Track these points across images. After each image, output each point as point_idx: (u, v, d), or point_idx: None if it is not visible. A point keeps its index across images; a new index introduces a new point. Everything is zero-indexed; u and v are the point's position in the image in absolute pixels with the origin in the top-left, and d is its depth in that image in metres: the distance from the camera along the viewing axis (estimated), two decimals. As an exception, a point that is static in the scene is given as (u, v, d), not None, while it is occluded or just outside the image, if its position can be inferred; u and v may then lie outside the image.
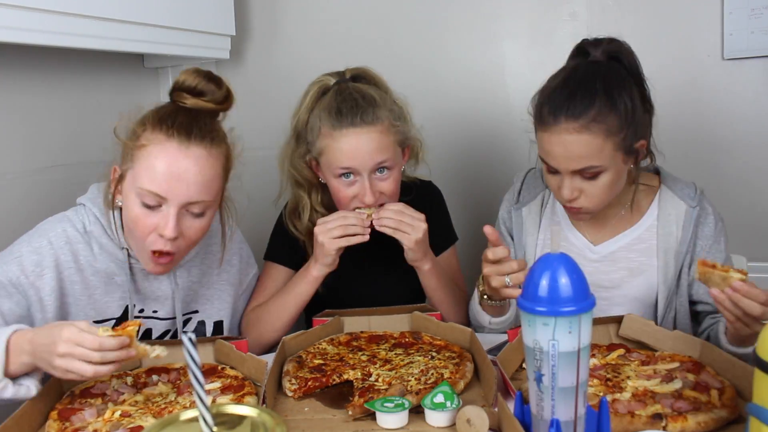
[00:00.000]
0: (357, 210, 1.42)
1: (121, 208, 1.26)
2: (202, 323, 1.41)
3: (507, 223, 1.56)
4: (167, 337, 1.40)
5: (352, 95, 1.39)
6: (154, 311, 1.36)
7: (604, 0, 2.03)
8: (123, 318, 1.32)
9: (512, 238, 1.53)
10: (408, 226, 1.39)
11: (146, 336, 1.36)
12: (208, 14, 2.04)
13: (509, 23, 2.13)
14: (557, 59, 1.42)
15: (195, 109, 1.21)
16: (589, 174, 1.28)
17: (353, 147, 1.36)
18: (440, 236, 1.58)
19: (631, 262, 1.42)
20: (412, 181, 1.60)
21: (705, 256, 1.38)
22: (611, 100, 1.26)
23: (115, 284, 1.29)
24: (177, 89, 1.23)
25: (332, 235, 1.38)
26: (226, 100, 1.25)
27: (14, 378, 1.06)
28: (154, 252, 1.20)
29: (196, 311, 1.42)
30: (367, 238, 1.40)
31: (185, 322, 1.40)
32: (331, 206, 1.51)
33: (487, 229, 1.25)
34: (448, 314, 1.49)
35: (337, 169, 1.39)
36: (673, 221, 1.40)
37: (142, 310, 1.35)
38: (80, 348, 0.98)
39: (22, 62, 1.65)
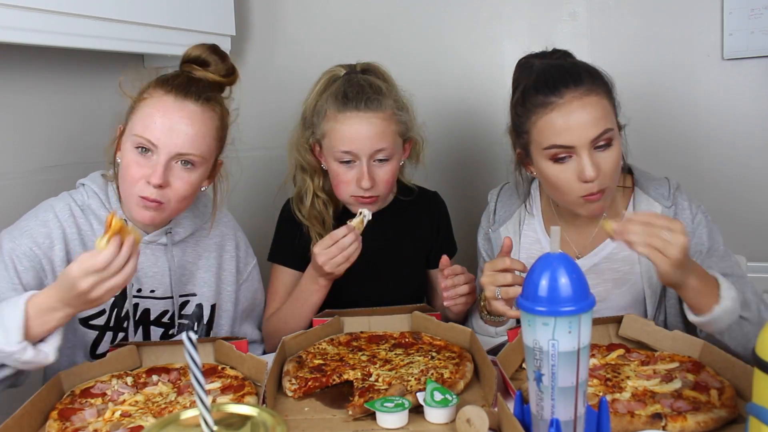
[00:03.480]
0: (347, 224, 1.41)
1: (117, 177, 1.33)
2: (199, 306, 1.43)
3: (485, 246, 1.52)
4: (165, 318, 1.41)
5: (359, 83, 1.44)
6: (152, 291, 1.37)
7: (603, 0, 2.04)
8: (121, 298, 1.34)
9: None
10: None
11: (144, 316, 1.38)
12: (208, 14, 2.04)
13: (509, 23, 2.13)
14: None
15: (204, 79, 1.30)
16: (604, 140, 1.24)
17: (355, 131, 1.40)
18: (444, 248, 1.59)
19: (614, 273, 1.40)
20: (412, 186, 1.61)
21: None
22: (594, 70, 1.29)
23: None
24: (185, 62, 1.32)
25: (337, 264, 1.39)
26: (230, 74, 1.33)
27: (35, 342, 1.09)
28: (141, 197, 1.25)
29: (194, 294, 1.43)
30: (359, 250, 1.41)
31: (183, 305, 1.41)
32: (331, 192, 1.54)
33: (506, 241, 1.28)
34: None
35: (337, 152, 1.42)
36: None
37: (140, 290, 1.37)
38: (98, 273, 1.03)
39: (22, 62, 1.65)
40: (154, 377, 1.22)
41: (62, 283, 1.07)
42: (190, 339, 0.69)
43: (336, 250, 1.38)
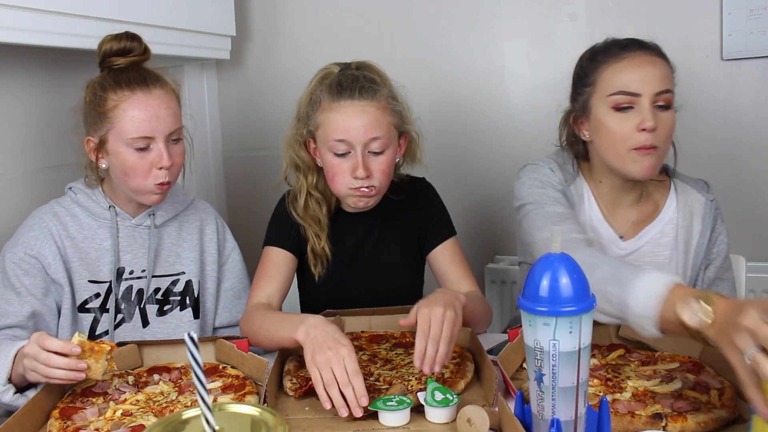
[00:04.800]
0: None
1: (103, 178, 1.46)
2: (189, 282, 1.52)
3: (567, 193, 1.42)
4: (159, 295, 1.47)
5: (354, 74, 1.44)
6: (143, 270, 1.46)
7: (603, 1, 2.04)
8: (116, 281, 1.44)
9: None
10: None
11: (139, 295, 1.46)
12: (208, 14, 2.04)
13: (509, 24, 2.13)
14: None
15: (130, 64, 1.40)
16: (664, 100, 1.31)
17: (349, 118, 1.38)
18: (439, 228, 1.57)
19: (656, 257, 1.42)
20: (401, 179, 1.57)
21: (713, 248, 1.42)
22: (663, 52, 1.37)
23: (105, 249, 1.44)
24: (107, 56, 1.40)
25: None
26: (146, 51, 1.44)
27: (21, 387, 1.18)
28: (157, 185, 1.38)
29: (183, 272, 1.51)
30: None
31: (174, 282, 1.50)
32: (325, 191, 1.51)
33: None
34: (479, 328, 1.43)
35: (332, 141, 1.40)
36: (693, 213, 1.41)
37: (132, 272, 1.46)
38: (40, 351, 1.08)
39: (22, 62, 1.65)
40: (156, 376, 1.22)
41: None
42: (191, 338, 0.69)
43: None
